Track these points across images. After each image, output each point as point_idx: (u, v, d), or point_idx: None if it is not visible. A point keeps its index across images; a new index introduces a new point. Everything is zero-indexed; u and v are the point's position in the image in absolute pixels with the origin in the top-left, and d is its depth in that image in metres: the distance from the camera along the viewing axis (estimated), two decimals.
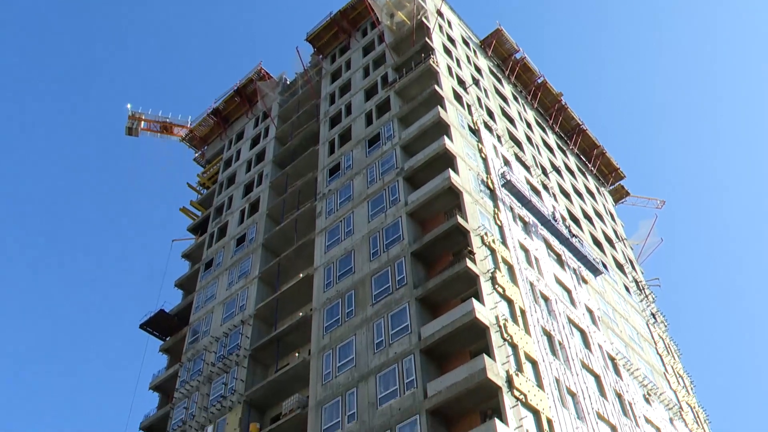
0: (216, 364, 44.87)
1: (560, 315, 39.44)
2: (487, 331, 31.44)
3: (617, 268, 56.76)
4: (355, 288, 38.53)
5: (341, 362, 35.76)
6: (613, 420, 36.85)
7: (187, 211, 66.67)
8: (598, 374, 39.01)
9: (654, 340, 52.11)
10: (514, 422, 28.36)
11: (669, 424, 43.84)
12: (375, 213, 41.69)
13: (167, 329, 53.44)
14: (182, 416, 44.63)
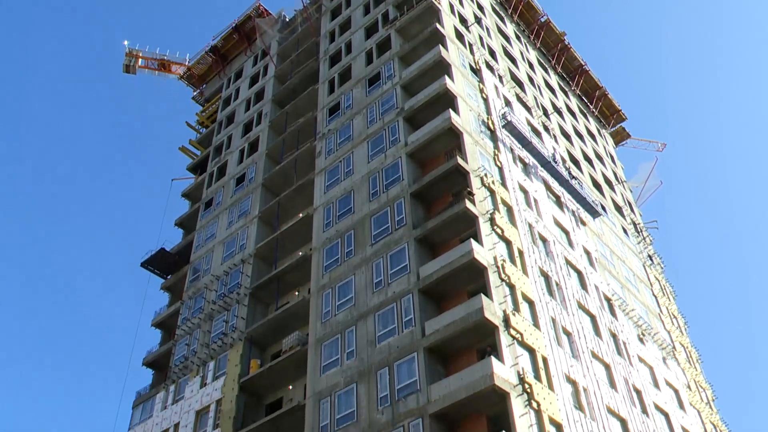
0: (217, 302, 45.47)
1: (558, 256, 39.77)
2: (485, 272, 31.77)
3: (616, 211, 56.95)
4: (355, 228, 38.73)
5: (340, 301, 36.23)
6: (607, 359, 37.55)
7: (187, 151, 66.46)
8: (594, 314, 39.58)
9: (650, 282, 52.68)
10: (510, 360, 28.92)
11: (662, 363, 44.70)
12: (375, 153, 41.58)
13: (168, 268, 53.94)
14: (184, 352, 45.45)
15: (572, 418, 30.59)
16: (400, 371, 30.68)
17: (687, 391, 45.70)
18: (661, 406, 40.25)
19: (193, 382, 42.77)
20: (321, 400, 33.15)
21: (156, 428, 42.97)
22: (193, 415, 40.86)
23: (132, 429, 45.07)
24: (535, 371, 30.28)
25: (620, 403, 35.85)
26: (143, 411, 45.56)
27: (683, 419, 42.16)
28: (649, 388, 40.14)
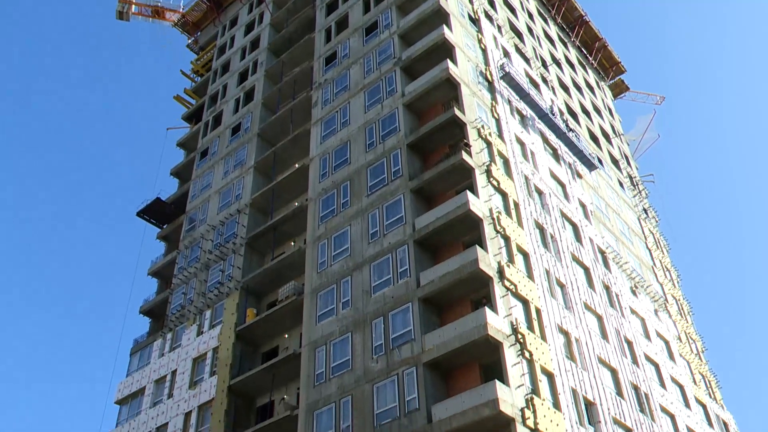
0: (213, 251, 45.65)
1: (553, 209, 39.88)
2: (480, 223, 31.88)
3: (612, 163, 56.90)
4: (351, 179, 38.68)
5: (336, 251, 36.41)
6: (599, 310, 37.99)
7: (182, 100, 65.87)
8: (588, 267, 39.89)
9: (644, 235, 52.97)
10: (504, 311, 29.25)
11: (653, 315, 45.25)
12: (371, 103, 41.26)
13: (164, 217, 53.98)
14: (181, 301, 45.83)
15: (564, 367, 31.08)
16: (395, 321, 31.03)
17: (677, 342, 46.39)
18: (652, 357, 40.89)
19: (190, 331, 43.23)
20: (316, 349, 33.58)
21: (154, 375, 43.57)
22: (190, 363, 41.39)
23: (130, 375, 45.69)
24: (528, 322, 30.65)
25: (611, 353, 36.39)
26: (141, 358, 46.14)
27: (673, 369, 42.89)
28: (640, 339, 40.72)
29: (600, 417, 31.71)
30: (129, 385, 45.01)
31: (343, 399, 30.78)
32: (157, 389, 42.80)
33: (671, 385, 41.45)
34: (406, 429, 27.54)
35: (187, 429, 38.61)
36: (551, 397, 29.12)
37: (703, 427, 42.42)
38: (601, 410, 32.12)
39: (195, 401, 39.09)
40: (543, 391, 28.56)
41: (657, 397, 38.47)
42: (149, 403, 42.35)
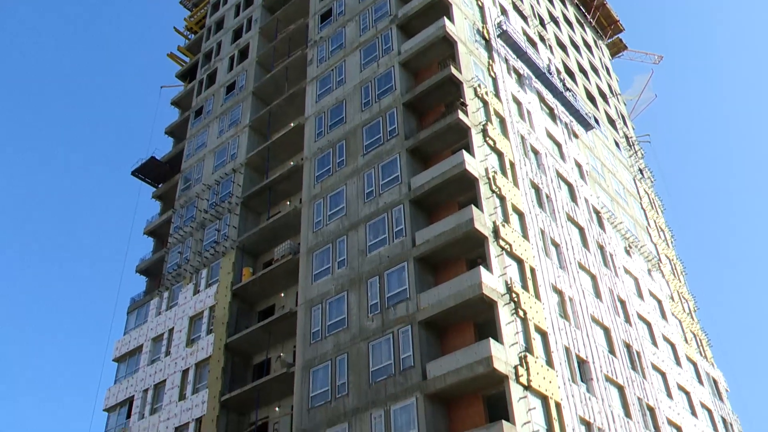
0: (208, 211, 45.65)
1: (549, 168, 39.86)
2: (476, 183, 31.88)
3: (609, 123, 56.71)
4: (347, 138, 38.53)
5: (332, 211, 36.45)
6: (593, 270, 38.27)
7: (175, 57, 65.11)
8: (582, 227, 40.04)
9: (639, 195, 53.09)
10: (499, 270, 29.44)
11: (647, 274, 45.61)
12: (367, 62, 40.87)
13: (159, 176, 53.82)
14: (177, 260, 45.97)
15: (557, 326, 31.42)
16: (390, 280, 31.23)
17: (670, 301, 46.85)
18: (644, 316, 41.34)
19: (186, 289, 43.46)
20: (312, 308, 33.84)
21: (151, 333, 43.93)
22: (187, 321, 41.71)
23: (127, 333, 46.06)
24: (522, 281, 30.88)
25: (604, 312, 36.77)
26: (138, 316, 46.46)
27: (665, 328, 43.40)
28: (633, 299, 41.11)
29: (592, 374, 32.18)
30: (126, 344, 45.41)
31: (338, 357, 31.13)
32: (154, 347, 43.20)
33: (663, 344, 41.99)
34: (401, 386, 27.93)
35: (185, 386, 39.10)
36: (544, 355, 29.50)
37: (693, 385, 43.10)
38: (593, 368, 32.58)
39: (192, 359, 39.50)
40: (536, 349, 28.92)
41: (648, 355, 38.99)
42: (147, 361, 42.79)
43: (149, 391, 41.07)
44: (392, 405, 27.83)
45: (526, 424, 25.78)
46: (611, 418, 31.71)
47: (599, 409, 31.14)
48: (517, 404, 25.95)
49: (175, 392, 39.22)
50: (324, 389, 30.89)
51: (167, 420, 38.49)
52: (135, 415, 40.89)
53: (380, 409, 28.13)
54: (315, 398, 31.04)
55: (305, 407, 31.09)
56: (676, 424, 37.74)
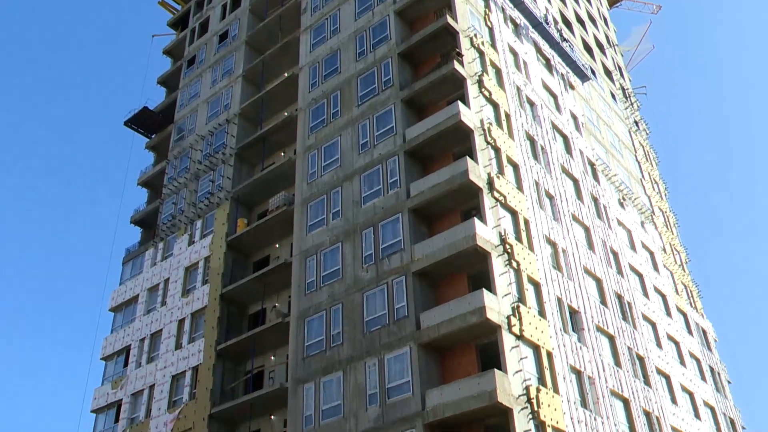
0: (202, 161, 45.47)
1: (545, 120, 39.69)
2: (471, 134, 31.76)
3: (605, 75, 56.27)
4: (341, 88, 38.18)
5: (326, 162, 36.35)
6: (587, 222, 38.45)
7: (167, 5, 63.92)
8: (577, 179, 40.08)
9: (634, 148, 53.02)
10: (493, 221, 29.56)
11: (640, 226, 45.87)
12: (362, 11, 40.23)
13: (152, 127, 53.39)
14: (171, 211, 45.96)
15: (550, 277, 31.71)
16: (385, 231, 31.35)
17: (662, 253, 47.23)
18: (636, 267, 41.72)
19: (181, 240, 43.57)
20: (307, 258, 34.02)
21: (146, 283, 44.19)
22: (182, 272, 41.92)
23: (123, 284, 46.31)
24: (516, 232, 31.04)
25: (597, 263, 37.08)
26: (133, 267, 46.65)
27: (656, 280, 43.85)
28: (625, 250, 41.42)
29: (584, 324, 32.62)
30: (122, 294, 45.70)
31: (333, 307, 31.44)
32: (150, 297, 43.51)
33: (654, 295, 42.49)
34: (395, 336, 28.29)
35: (181, 335, 39.51)
36: (537, 306, 29.85)
37: (683, 335, 43.77)
38: (584, 318, 33.00)
39: (188, 309, 39.83)
40: (529, 300, 29.24)
41: (639, 305, 39.48)
42: (143, 311, 43.14)
43: (146, 340, 41.51)
44: (386, 354, 28.22)
45: (517, 373, 26.21)
46: (601, 367, 32.26)
47: (590, 358, 31.65)
48: (509, 353, 26.34)
49: (171, 341, 39.65)
50: (319, 338, 31.27)
51: (164, 368, 38.99)
52: (132, 364, 41.39)
53: (374, 358, 28.54)
54: (310, 347, 31.44)
55: (300, 356, 31.51)
56: (665, 373, 38.43)
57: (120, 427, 39.52)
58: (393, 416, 26.76)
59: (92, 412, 42.23)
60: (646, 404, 34.60)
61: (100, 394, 42.28)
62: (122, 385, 41.08)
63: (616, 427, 31.01)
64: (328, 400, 29.42)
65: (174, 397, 37.68)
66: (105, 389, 42.19)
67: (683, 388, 39.89)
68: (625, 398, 33.05)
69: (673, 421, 36.48)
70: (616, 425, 31.14)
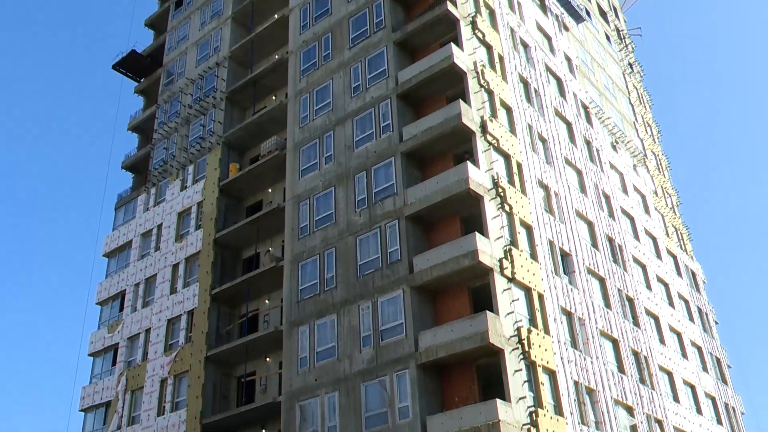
0: (193, 106, 44.99)
1: (538, 62, 39.29)
2: (464, 77, 31.45)
3: (600, 16, 55.49)
4: (332, 30, 37.57)
5: (318, 106, 36.03)
6: (579, 165, 38.48)
7: None
8: (570, 122, 39.94)
9: (628, 90, 52.69)
10: (485, 165, 29.54)
11: (632, 170, 45.95)
12: None
13: (141, 70, 52.59)
14: (163, 156, 45.69)
15: (542, 220, 31.89)
16: (378, 175, 31.32)
17: (653, 196, 47.46)
18: (628, 210, 41.97)
19: (174, 185, 43.44)
20: (300, 203, 34.05)
21: (140, 229, 44.21)
22: (175, 217, 41.93)
23: (116, 229, 46.34)
24: (509, 176, 31.07)
25: (589, 207, 37.26)
26: (126, 213, 46.61)
27: (647, 223, 44.17)
28: (617, 194, 41.59)
29: (575, 267, 32.97)
30: (116, 239, 45.76)
31: (327, 251, 31.62)
32: (143, 242, 43.60)
33: (645, 237, 42.86)
34: (388, 279, 28.55)
35: (176, 280, 39.75)
36: (529, 249, 30.09)
37: (672, 277, 44.33)
38: (576, 260, 33.34)
39: (182, 254, 39.98)
40: (521, 243, 29.46)
41: (630, 248, 39.86)
42: (137, 256, 43.28)
43: (140, 285, 41.77)
44: (379, 297, 28.54)
45: (509, 315, 26.60)
46: (592, 309, 32.76)
47: (580, 300, 32.11)
48: (501, 296, 26.68)
49: (166, 286, 39.93)
50: (313, 282, 31.54)
51: (159, 313, 39.37)
52: (128, 308, 41.74)
53: (368, 301, 28.86)
54: (304, 291, 31.74)
55: (294, 300, 31.83)
56: (654, 314, 39.08)
57: (117, 369, 40.10)
58: (386, 357, 27.22)
59: (89, 355, 42.77)
60: (635, 344, 35.27)
61: (96, 338, 42.75)
62: (118, 329, 41.51)
63: (605, 366, 31.67)
64: (323, 343, 29.86)
65: (170, 341, 38.16)
66: (101, 333, 42.64)
67: (671, 329, 40.62)
68: (614, 338, 33.67)
69: (661, 360, 37.26)
70: (605, 365, 31.79)
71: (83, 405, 41.03)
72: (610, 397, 30.88)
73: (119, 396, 38.95)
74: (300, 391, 29.55)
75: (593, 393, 29.89)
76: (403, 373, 26.44)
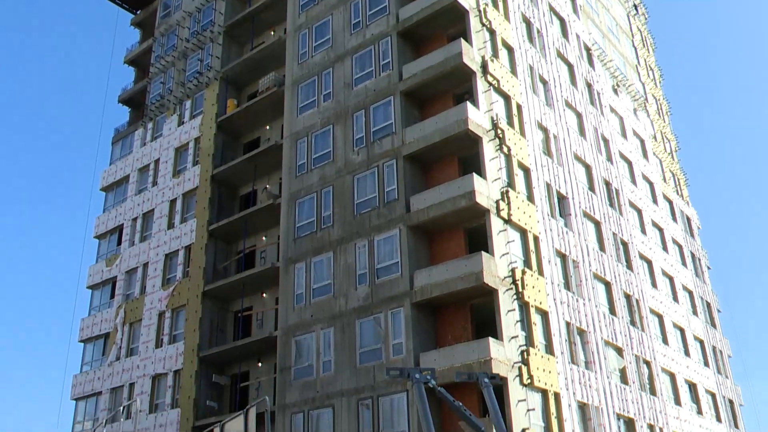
0: (190, 40, 44.29)
1: (542, 2, 38.60)
2: (466, 15, 30.94)
3: None
4: None
5: (317, 42, 35.52)
6: (579, 108, 38.24)
7: None
8: (572, 64, 39.49)
9: (632, 32, 51.94)
10: (485, 106, 29.35)
11: (632, 114, 45.68)
12: None
13: (137, 2, 51.54)
14: (159, 91, 45.22)
15: (540, 162, 31.88)
16: (376, 114, 31.13)
17: (652, 141, 47.32)
18: (626, 155, 41.90)
19: (171, 120, 43.14)
20: (298, 141, 33.91)
21: (137, 164, 44.10)
22: (173, 152, 41.77)
23: (113, 164, 46.22)
24: (508, 117, 30.90)
25: (587, 150, 37.19)
26: (122, 147, 46.40)
27: (645, 167, 44.17)
28: (616, 138, 41.46)
29: (571, 210, 33.12)
30: (113, 173, 45.70)
31: (324, 189, 31.66)
32: (141, 177, 43.56)
33: (642, 182, 42.93)
34: (384, 218, 28.69)
35: (173, 215, 39.89)
36: (526, 191, 30.17)
37: (668, 222, 44.60)
38: (572, 204, 33.47)
39: (179, 189, 40.00)
40: (518, 185, 29.51)
41: (627, 193, 39.96)
42: (134, 191, 43.29)
43: (138, 220, 41.92)
44: (376, 236, 28.73)
45: (504, 256, 26.85)
46: (586, 252, 33.05)
47: (575, 243, 32.37)
48: (497, 237, 26.88)
49: (163, 221, 40.09)
50: (310, 220, 31.69)
51: (157, 247, 39.62)
52: (125, 242, 42.00)
53: (364, 240, 29.07)
54: (301, 228, 31.91)
55: (291, 237, 32.03)
56: (647, 258, 39.46)
57: (116, 302, 40.60)
58: (382, 295, 27.58)
59: (88, 288, 43.23)
60: (627, 287, 35.73)
61: (95, 271, 43.13)
62: (116, 262, 41.84)
63: (597, 308, 32.15)
64: (319, 280, 30.19)
65: (168, 275, 38.52)
66: (99, 267, 42.99)
67: (664, 273, 41.09)
68: (606, 281, 34.08)
69: (652, 303, 37.81)
70: (597, 306, 32.28)
71: (82, 336, 41.70)
72: (600, 338, 31.45)
73: (118, 328, 39.55)
74: (296, 326, 30.03)
75: (584, 334, 30.43)
76: (398, 311, 26.83)
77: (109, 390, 38.27)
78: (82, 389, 39.91)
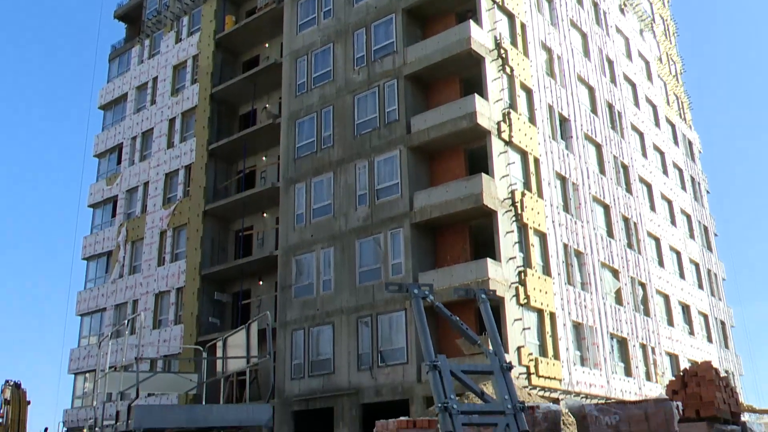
0: None
1: None
2: None
3: None
4: None
5: None
6: (585, 28, 37.49)
7: None
8: None
9: None
10: (489, 25, 28.77)
11: (638, 35, 44.81)
12: None
13: None
14: (156, 6, 44.22)
15: (543, 84, 31.49)
16: (377, 32, 30.55)
17: (657, 63, 46.60)
18: (630, 77, 41.34)
19: (168, 37, 42.36)
20: (297, 59, 33.41)
21: (134, 82, 43.56)
22: (171, 70, 41.20)
23: (111, 81, 45.64)
24: (512, 37, 30.34)
25: (591, 72, 36.68)
26: (120, 64, 45.72)
27: (648, 90, 43.66)
28: (621, 59, 40.80)
29: (572, 132, 32.94)
30: (111, 91, 45.20)
31: (324, 109, 31.41)
32: (139, 96, 43.10)
33: (645, 105, 42.51)
34: (385, 138, 28.57)
35: (173, 134, 39.69)
36: (528, 112, 29.93)
37: (669, 145, 44.42)
38: (574, 126, 33.26)
39: (178, 108, 39.66)
40: (520, 106, 29.25)
41: (629, 115, 39.63)
42: (133, 109, 42.93)
43: (137, 139, 41.74)
44: (376, 156, 28.68)
45: (504, 177, 26.88)
46: (586, 174, 33.06)
47: (575, 166, 32.33)
48: (497, 158, 26.83)
49: (163, 140, 39.91)
50: (310, 140, 31.56)
51: (157, 166, 39.59)
52: (125, 161, 41.94)
53: (364, 160, 29.03)
54: (301, 148, 31.82)
55: (291, 157, 31.97)
56: (647, 181, 39.50)
57: (117, 221, 40.88)
58: (381, 216, 27.76)
59: (89, 206, 43.43)
60: (626, 210, 35.91)
61: (96, 190, 43.24)
62: (117, 181, 41.90)
63: (594, 230, 32.41)
64: (319, 200, 30.32)
65: (168, 194, 38.65)
66: (100, 185, 43.08)
67: (663, 196, 41.21)
68: (605, 204, 34.23)
69: (650, 226, 38.08)
70: (595, 229, 32.53)
71: (85, 254, 42.18)
72: (597, 260, 31.83)
73: (120, 246, 39.95)
74: (296, 246, 30.34)
75: (581, 255, 30.79)
76: (398, 231, 27.06)
77: (113, 306, 38.99)
78: (86, 305, 40.65)
